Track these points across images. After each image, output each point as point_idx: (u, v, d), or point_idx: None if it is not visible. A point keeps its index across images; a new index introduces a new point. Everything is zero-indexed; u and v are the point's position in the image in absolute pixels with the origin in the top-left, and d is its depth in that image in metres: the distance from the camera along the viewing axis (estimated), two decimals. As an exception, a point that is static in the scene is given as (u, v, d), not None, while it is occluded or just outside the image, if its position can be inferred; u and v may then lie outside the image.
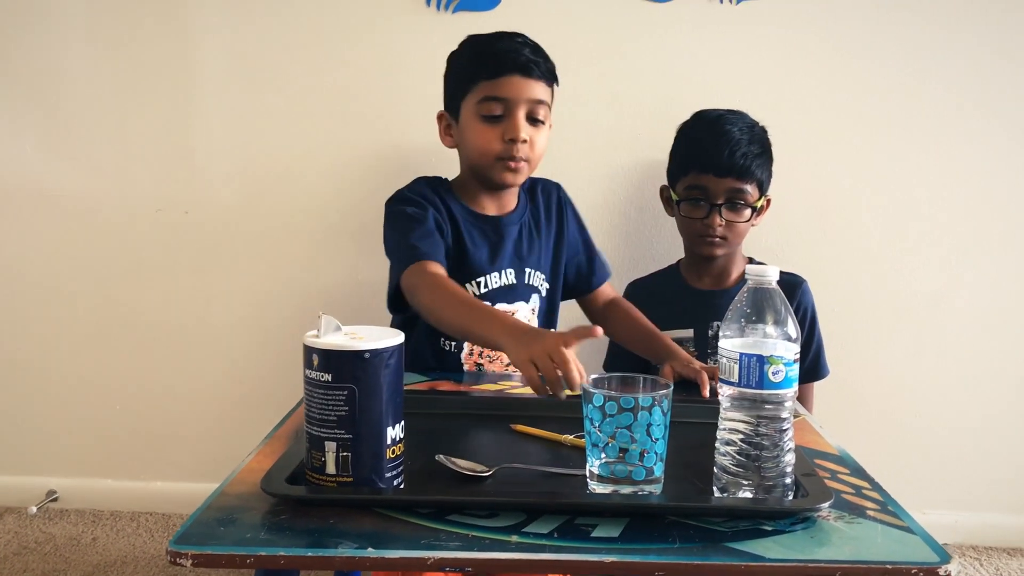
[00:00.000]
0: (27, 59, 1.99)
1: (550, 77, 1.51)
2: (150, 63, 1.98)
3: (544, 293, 1.61)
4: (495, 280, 1.55)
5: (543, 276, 1.62)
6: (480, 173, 1.53)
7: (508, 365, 1.55)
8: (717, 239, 1.67)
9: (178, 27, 1.96)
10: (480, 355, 1.56)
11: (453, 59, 1.57)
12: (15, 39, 1.98)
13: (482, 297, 1.53)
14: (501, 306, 1.54)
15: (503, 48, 1.48)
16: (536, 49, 1.50)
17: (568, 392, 1.07)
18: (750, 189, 1.66)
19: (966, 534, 2.05)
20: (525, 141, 1.46)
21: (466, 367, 1.55)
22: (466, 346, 1.54)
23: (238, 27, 1.95)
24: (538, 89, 1.47)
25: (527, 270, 1.59)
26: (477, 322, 1.24)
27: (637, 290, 1.83)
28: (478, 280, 1.53)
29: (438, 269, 1.39)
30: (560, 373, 1.06)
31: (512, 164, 1.48)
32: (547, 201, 1.65)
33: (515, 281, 1.57)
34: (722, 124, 1.67)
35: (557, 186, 1.69)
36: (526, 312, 1.58)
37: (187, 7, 1.95)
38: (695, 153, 1.69)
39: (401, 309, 1.46)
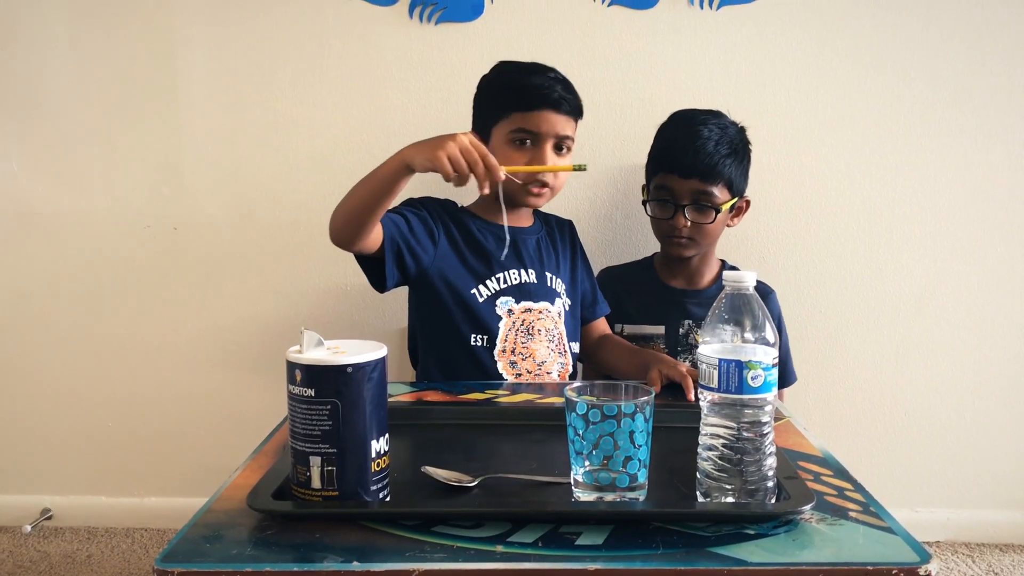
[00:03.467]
0: (11, 74, 1.99)
1: (577, 113, 1.58)
2: (135, 79, 1.98)
3: (567, 307, 1.64)
4: (514, 277, 1.59)
5: (564, 287, 1.65)
6: (506, 196, 1.58)
7: (542, 364, 1.58)
8: (684, 240, 1.69)
9: (163, 44, 1.97)
10: (512, 352, 1.57)
11: (486, 84, 1.63)
12: None
13: (502, 293, 1.58)
14: (525, 304, 1.59)
15: (538, 83, 1.55)
16: (567, 86, 1.57)
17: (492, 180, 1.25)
18: (716, 191, 1.66)
19: (958, 531, 2.06)
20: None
21: (500, 364, 1.56)
22: (498, 342, 1.56)
23: (222, 42, 1.96)
24: (566, 124, 1.56)
25: (547, 274, 1.63)
26: (378, 169, 1.32)
27: (611, 277, 1.84)
28: (498, 275, 1.58)
29: None
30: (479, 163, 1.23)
31: (536, 190, 1.56)
32: (561, 231, 1.73)
33: (537, 281, 1.61)
34: (692, 125, 1.67)
35: (569, 222, 1.77)
36: (553, 314, 1.61)
37: (171, 24, 1.96)
38: (663, 154, 1.71)
39: (380, 283, 1.50)
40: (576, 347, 1.67)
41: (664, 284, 1.79)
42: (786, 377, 1.80)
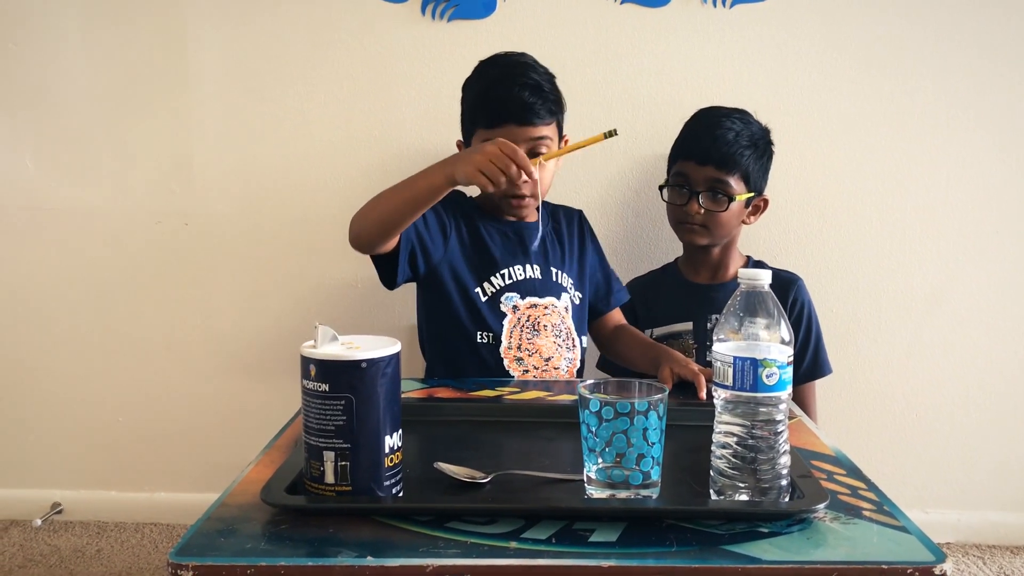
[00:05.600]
0: (24, 71, 2.00)
1: (551, 114, 1.53)
2: (147, 74, 1.99)
3: (576, 300, 1.64)
4: (519, 272, 1.59)
5: (572, 281, 1.65)
6: (492, 205, 1.60)
7: (548, 359, 1.58)
8: (696, 226, 1.70)
9: (174, 40, 1.97)
10: (518, 348, 1.57)
11: (464, 90, 1.61)
12: (11, 51, 1.99)
13: (507, 288, 1.57)
14: (530, 300, 1.58)
15: (501, 95, 1.50)
16: (536, 89, 1.50)
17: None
18: (732, 181, 1.67)
19: (969, 532, 2.05)
20: (526, 181, 1.49)
21: (505, 361, 1.56)
22: (504, 339, 1.56)
23: (234, 38, 1.96)
24: (536, 130, 1.51)
25: (553, 269, 1.62)
26: (417, 180, 1.32)
27: (636, 287, 1.85)
28: (502, 272, 1.58)
29: None
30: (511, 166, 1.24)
31: (515, 202, 1.56)
32: (569, 222, 1.71)
33: (541, 276, 1.60)
34: (715, 117, 1.70)
35: (579, 212, 1.75)
36: (560, 309, 1.61)
37: (183, 19, 1.96)
38: (683, 142, 1.73)
39: (390, 280, 1.51)
40: (585, 340, 1.66)
41: (689, 282, 1.80)
42: (818, 368, 1.77)
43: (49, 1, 1.97)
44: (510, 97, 1.49)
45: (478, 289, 1.57)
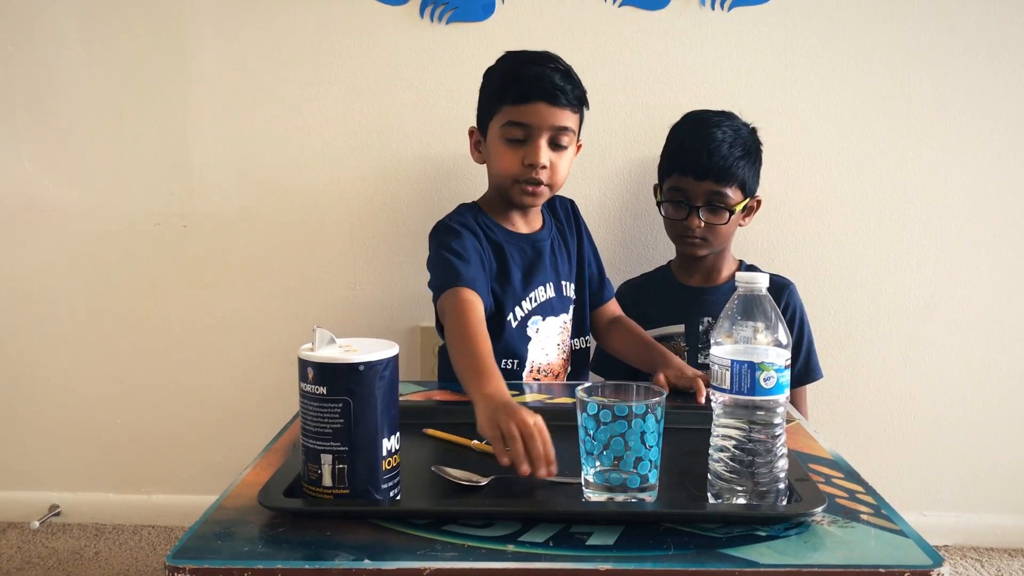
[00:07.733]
0: (23, 73, 2.00)
1: (578, 104, 1.50)
2: (146, 76, 1.99)
3: (575, 306, 1.63)
4: (542, 295, 1.56)
5: (573, 287, 1.64)
6: (503, 193, 1.54)
7: (557, 375, 1.58)
8: (697, 240, 1.70)
9: (174, 40, 1.97)
10: (538, 371, 1.56)
11: (487, 76, 1.58)
12: (10, 53, 1.99)
13: (533, 313, 1.54)
14: (548, 320, 1.56)
15: (532, 73, 1.47)
16: (567, 75, 1.49)
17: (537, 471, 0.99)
18: (730, 192, 1.67)
19: (966, 535, 2.05)
20: (545, 167, 1.48)
21: (524, 382, 1.54)
22: (528, 364, 1.54)
23: (234, 40, 1.96)
24: (563, 116, 1.47)
25: (562, 283, 1.61)
26: (468, 375, 1.19)
27: (629, 289, 1.85)
28: (530, 295, 1.55)
29: (470, 296, 1.35)
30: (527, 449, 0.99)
31: (530, 188, 1.49)
32: (566, 215, 1.69)
33: (555, 294, 1.58)
34: (706, 127, 1.68)
35: (571, 201, 1.73)
36: (569, 325, 1.60)
37: (182, 20, 1.96)
38: (677, 155, 1.72)
39: None
40: (578, 343, 1.65)
41: (682, 285, 1.80)
42: (809, 373, 1.78)
43: (48, 3, 1.97)
44: (542, 74, 1.46)
45: (510, 316, 1.52)
